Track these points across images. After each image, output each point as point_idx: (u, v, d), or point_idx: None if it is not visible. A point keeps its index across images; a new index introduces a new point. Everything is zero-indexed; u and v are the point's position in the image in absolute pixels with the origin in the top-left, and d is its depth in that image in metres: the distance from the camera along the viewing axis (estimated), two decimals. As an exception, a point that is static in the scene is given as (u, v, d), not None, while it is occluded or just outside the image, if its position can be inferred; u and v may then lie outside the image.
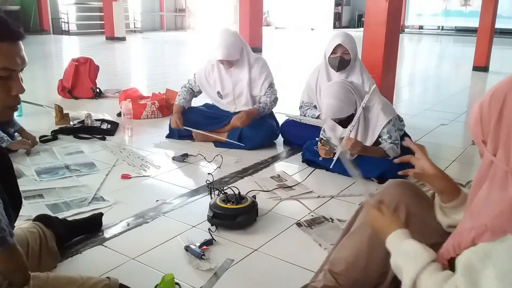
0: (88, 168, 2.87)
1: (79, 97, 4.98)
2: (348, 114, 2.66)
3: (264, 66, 3.40)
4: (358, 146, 2.62)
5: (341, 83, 2.70)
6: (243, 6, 10.14)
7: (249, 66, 3.34)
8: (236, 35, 3.35)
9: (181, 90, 3.53)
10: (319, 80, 3.36)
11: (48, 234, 1.71)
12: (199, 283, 1.68)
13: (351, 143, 2.61)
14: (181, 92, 3.51)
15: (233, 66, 3.33)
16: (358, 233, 1.40)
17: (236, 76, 3.35)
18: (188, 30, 19.17)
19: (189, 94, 3.50)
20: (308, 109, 3.45)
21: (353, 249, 1.39)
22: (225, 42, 3.22)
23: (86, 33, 15.14)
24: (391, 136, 2.65)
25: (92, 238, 1.99)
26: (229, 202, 2.11)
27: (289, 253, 1.91)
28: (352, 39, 3.23)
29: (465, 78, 7.64)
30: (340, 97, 2.62)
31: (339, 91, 2.63)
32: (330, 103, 2.63)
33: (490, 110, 0.95)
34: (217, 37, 3.27)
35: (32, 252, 1.61)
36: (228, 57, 3.24)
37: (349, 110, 2.65)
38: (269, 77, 3.40)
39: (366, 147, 2.65)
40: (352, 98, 2.65)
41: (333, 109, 2.63)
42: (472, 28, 15.76)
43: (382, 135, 2.67)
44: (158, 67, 8.43)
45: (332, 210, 2.33)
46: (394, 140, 2.65)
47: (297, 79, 6.90)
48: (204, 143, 3.38)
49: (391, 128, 2.66)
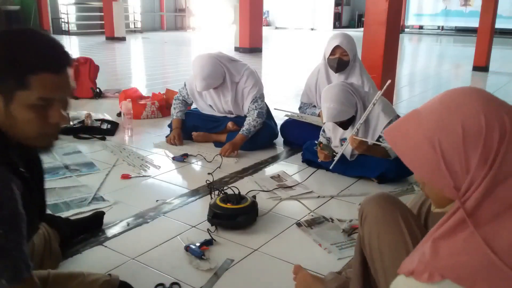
0: (88, 167, 2.87)
1: (79, 97, 4.97)
2: (349, 116, 2.63)
3: (250, 79, 3.19)
4: (364, 145, 2.58)
5: (340, 85, 2.67)
6: (243, 6, 10.15)
7: (233, 85, 3.21)
8: (214, 61, 3.09)
9: (175, 102, 3.39)
10: (319, 81, 3.35)
11: (52, 235, 1.71)
12: (199, 283, 1.68)
13: (357, 142, 2.57)
14: (176, 104, 3.37)
15: (218, 88, 3.22)
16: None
17: (223, 95, 3.26)
18: (188, 30, 19.17)
19: (184, 105, 3.40)
20: (308, 108, 3.45)
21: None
22: (203, 73, 3.04)
23: (86, 33, 15.14)
24: None
25: (92, 238, 1.99)
26: (229, 202, 2.11)
27: (289, 253, 1.91)
28: (351, 40, 3.22)
29: (465, 78, 7.64)
30: (341, 100, 2.58)
31: (339, 94, 2.59)
32: (331, 107, 2.59)
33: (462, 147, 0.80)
34: (195, 67, 3.10)
35: (37, 252, 1.61)
36: (207, 88, 3.14)
37: (350, 113, 2.63)
38: (253, 91, 3.20)
39: (370, 147, 2.64)
40: (353, 100, 2.63)
41: (334, 113, 2.60)
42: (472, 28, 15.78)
43: (382, 135, 2.67)
44: (158, 67, 8.43)
45: (332, 210, 2.33)
46: None
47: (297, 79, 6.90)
48: (204, 143, 3.38)
49: None
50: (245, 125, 3.17)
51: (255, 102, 3.20)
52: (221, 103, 3.31)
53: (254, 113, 3.19)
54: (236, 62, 3.27)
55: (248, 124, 3.16)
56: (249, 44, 10.26)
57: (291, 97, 5.43)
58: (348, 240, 2.01)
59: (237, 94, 3.24)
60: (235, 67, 3.21)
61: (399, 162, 2.84)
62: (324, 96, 2.66)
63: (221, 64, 3.14)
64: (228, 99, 3.24)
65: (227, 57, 3.24)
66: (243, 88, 3.22)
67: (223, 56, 3.22)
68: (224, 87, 3.20)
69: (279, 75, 7.49)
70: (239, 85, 3.22)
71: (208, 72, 3.05)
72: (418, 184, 2.59)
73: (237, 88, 3.22)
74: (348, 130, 2.71)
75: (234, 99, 3.25)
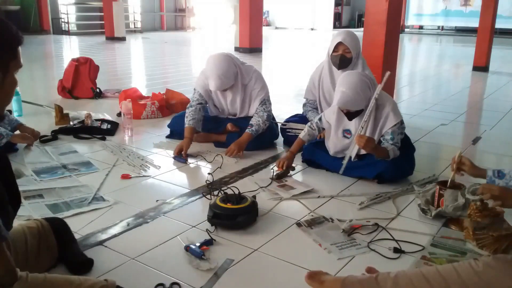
0: (86, 167, 2.87)
1: (79, 97, 4.98)
2: (359, 108, 2.60)
3: (258, 81, 3.23)
4: (372, 143, 2.54)
5: (361, 75, 2.62)
6: (243, 6, 10.15)
7: (243, 87, 3.23)
8: (228, 61, 3.11)
9: (187, 111, 3.23)
10: (322, 78, 3.36)
11: (47, 227, 1.71)
12: (199, 283, 1.68)
13: (364, 140, 2.51)
14: (189, 112, 3.20)
15: (228, 90, 3.23)
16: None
17: (231, 97, 3.27)
18: (188, 30, 19.17)
19: (198, 112, 3.21)
20: (310, 111, 3.44)
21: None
22: (218, 72, 3.04)
23: (86, 33, 15.14)
24: (393, 138, 2.64)
25: (92, 238, 1.99)
26: (229, 202, 2.11)
27: (289, 253, 1.91)
28: (354, 38, 3.23)
29: (465, 78, 7.64)
30: (356, 90, 2.54)
31: (357, 83, 2.55)
32: (346, 93, 2.55)
33: None
34: (209, 65, 3.09)
35: (31, 248, 1.61)
36: (221, 88, 3.13)
37: (360, 105, 2.59)
38: (261, 94, 3.23)
39: (377, 146, 2.60)
40: (368, 94, 2.59)
41: (345, 99, 2.55)
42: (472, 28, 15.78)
43: (385, 135, 2.66)
44: (158, 67, 8.43)
45: (332, 210, 2.33)
46: (395, 142, 2.64)
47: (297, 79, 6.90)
48: (204, 143, 3.38)
49: (395, 130, 2.64)
50: (254, 125, 3.17)
51: (264, 105, 3.24)
52: (227, 104, 3.32)
53: (263, 115, 3.21)
54: (245, 64, 3.30)
55: (258, 125, 3.17)
56: (249, 44, 10.27)
57: (291, 97, 5.44)
58: (348, 240, 2.01)
59: (246, 95, 3.26)
60: (245, 68, 3.25)
61: (396, 163, 2.84)
62: (342, 79, 2.62)
63: (235, 64, 3.17)
64: (236, 100, 3.26)
65: (238, 59, 3.27)
66: (251, 90, 3.25)
67: (236, 57, 3.25)
68: (234, 88, 3.21)
69: (279, 75, 7.49)
70: (248, 87, 3.24)
71: (223, 71, 3.06)
72: (418, 184, 2.59)
73: (246, 89, 3.25)
74: (352, 122, 2.69)
75: (242, 101, 3.26)
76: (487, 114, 5.00)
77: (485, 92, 6.46)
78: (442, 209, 2.19)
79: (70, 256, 1.76)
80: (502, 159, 3.39)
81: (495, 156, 3.45)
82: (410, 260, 1.86)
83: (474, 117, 4.89)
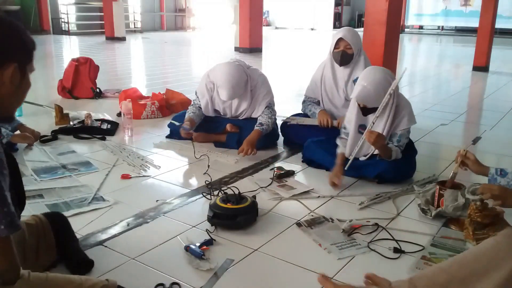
0: (85, 167, 2.87)
1: (79, 97, 4.98)
2: (376, 106, 2.58)
3: (264, 85, 3.27)
4: (382, 140, 2.52)
5: (386, 74, 2.60)
6: (243, 6, 10.15)
7: (251, 93, 3.25)
8: (240, 70, 3.12)
9: (190, 108, 3.33)
10: (324, 75, 3.36)
11: (46, 224, 1.70)
12: (199, 283, 1.68)
13: (374, 136, 2.49)
14: (190, 109, 3.32)
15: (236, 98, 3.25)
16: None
17: (237, 102, 3.28)
18: (188, 30, 19.17)
19: (199, 110, 3.31)
20: (310, 104, 3.44)
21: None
22: (231, 82, 3.05)
23: (86, 33, 15.14)
24: (399, 140, 2.64)
25: (92, 238, 1.99)
26: (229, 202, 2.11)
27: (289, 253, 1.91)
28: (355, 34, 3.23)
29: (465, 78, 7.64)
30: (378, 87, 2.52)
31: (380, 81, 2.54)
32: (367, 88, 2.52)
33: None
34: (221, 75, 3.09)
35: (30, 246, 1.61)
36: (233, 98, 3.17)
37: (377, 103, 2.57)
38: (267, 97, 3.27)
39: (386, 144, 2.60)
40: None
41: (364, 94, 2.53)
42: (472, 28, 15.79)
43: (393, 136, 2.66)
44: (158, 67, 8.43)
45: (332, 210, 2.33)
46: (400, 145, 2.65)
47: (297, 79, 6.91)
48: (204, 143, 3.38)
49: (404, 133, 2.65)
50: (264, 124, 3.17)
51: (270, 108, 3.27)
52: (231, 109, 3.32)
53: (272, 116, 3.24)
54: (251, 67, 3.32)
55: (267, 124, 3.18)
56: (249, 44, 10.27)
57: (292, 97, 5.44)
58: (348, 240, 2.01)
59: (252, 99, 3.27)
60: (251, 72, 3.27)
61: (397, 164, 2.84)
62: (365, 73, 2.60)
63: (245, 72, 3.19)
64: (243, 105, 3.27)
65: (245, 64, 3.28)
66: (257, 94, 3.27)
67: (243, 62, 3.26)
68: (243, 94, 3.23)
69: (279, 75, 7.49)
70: (254, 91, 3.26)
71: (236, 82, 3.08)
72: (418, 184, 2.59)
73: (253, 93, 3.26)
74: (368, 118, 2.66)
75: (248, 105, 3.27)
76: (487, 114, 5.00)
77: (485, 92, 6.46)
78: (442, 209, 2.19)
79: (70, 253, 1.76)
80: (502, 159, 3.39)
81: (495, 156, 3.45)
82: (410, 260, 1.86)
83: (474, 117, 4.89)
